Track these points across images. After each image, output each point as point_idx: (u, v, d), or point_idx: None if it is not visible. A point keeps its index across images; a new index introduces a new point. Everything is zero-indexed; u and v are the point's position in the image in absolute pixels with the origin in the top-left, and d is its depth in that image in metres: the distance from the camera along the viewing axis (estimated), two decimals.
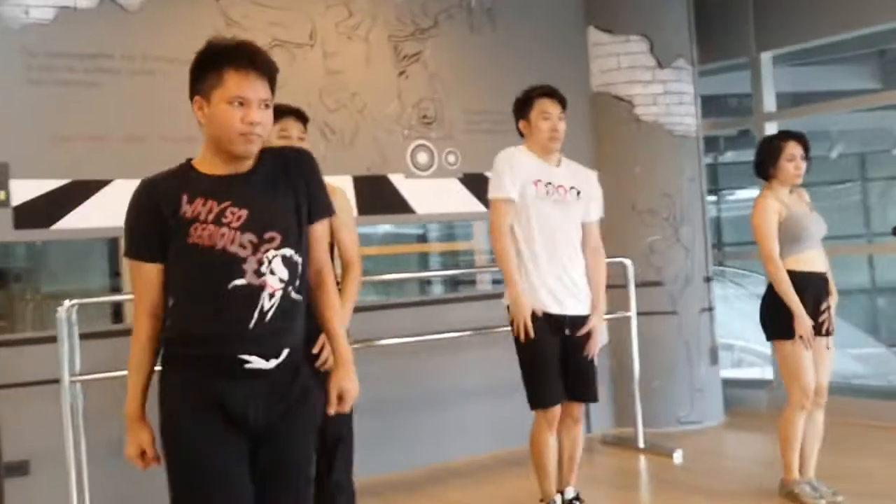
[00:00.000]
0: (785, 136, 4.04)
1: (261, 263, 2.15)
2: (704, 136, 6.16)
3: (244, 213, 2.17)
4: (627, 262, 5.26)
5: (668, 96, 5.72)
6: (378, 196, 5.03)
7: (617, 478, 4.92)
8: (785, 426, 4.01)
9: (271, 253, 2.16)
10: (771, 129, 6.17)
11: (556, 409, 3.72)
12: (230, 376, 2.15)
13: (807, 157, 3.99)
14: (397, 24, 5.14)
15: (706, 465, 4.91)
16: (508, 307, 3.73)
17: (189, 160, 2.28)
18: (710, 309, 5.86)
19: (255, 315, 2.15)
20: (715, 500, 4.28)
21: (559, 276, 3.68)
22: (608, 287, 3.98)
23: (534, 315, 3.63)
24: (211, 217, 2.15)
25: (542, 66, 5.57)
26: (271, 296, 2.16)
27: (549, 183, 3.73)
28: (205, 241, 2.14)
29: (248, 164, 2.24)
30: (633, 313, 5.26)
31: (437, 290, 6.30)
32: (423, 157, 5.18)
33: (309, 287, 2.29)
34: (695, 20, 5.97)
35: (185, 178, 2.22)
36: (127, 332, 2.35)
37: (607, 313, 5.61)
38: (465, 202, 5.30)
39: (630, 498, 4.61)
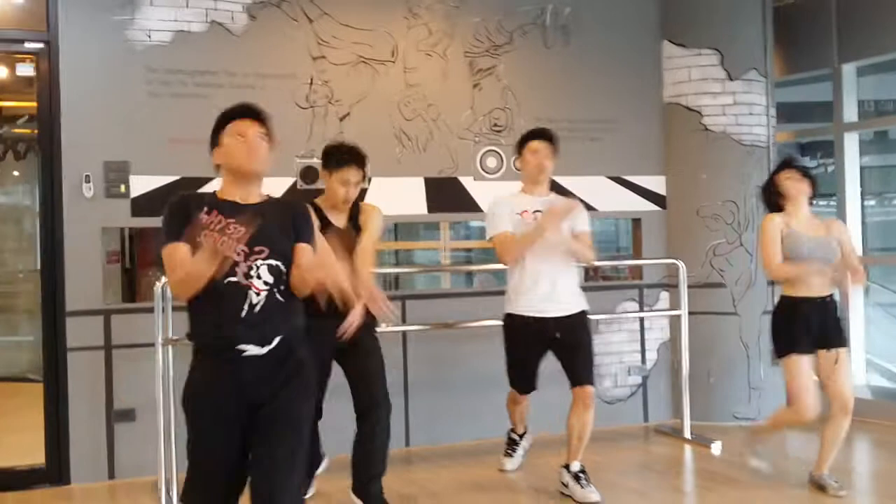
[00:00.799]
0: (780, 164, 4.48)
1: (250, 268, 2.74)
2: (788, 143, 6.35)
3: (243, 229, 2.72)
4: (680, 263, 5.59)
5: (738, 107, 5.97)
6: (448, 195, 5.59)
7: (654, 462, 5.27)
8: (775, 420, 4.43)
9: (259, 262, 2.75)
10: (851, 138, 6.30)
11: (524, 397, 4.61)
12: (233, 362, 2.73)
13: (807, 175, 4.33)
14: (473, 42, 5.67)
15: (741, 458, 5.19)
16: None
17: (214, 191, 2.90)
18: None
19: (246, 307, 2.74)
20: (735, 489, 4.62)
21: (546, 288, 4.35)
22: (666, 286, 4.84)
23: (520, 320, 4.36)
24: (217, 227, 2.73)
25: (614, 77, 6.00)
26: (257, 294, 2.74)
27: (537, 210, 4.35)
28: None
29: (255, 197, 2.86)
30: (684, 311, 5.57)
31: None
32: (492, 162, 5.69)
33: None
34: (774, 33, 6.18)
35: (207, 199, 2.84)
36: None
37: (666, 309, 6.02)
38: None
39: (658, 480, 4.95)
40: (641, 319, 6.04)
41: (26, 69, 4.91)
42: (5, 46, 4.95)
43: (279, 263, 2.78)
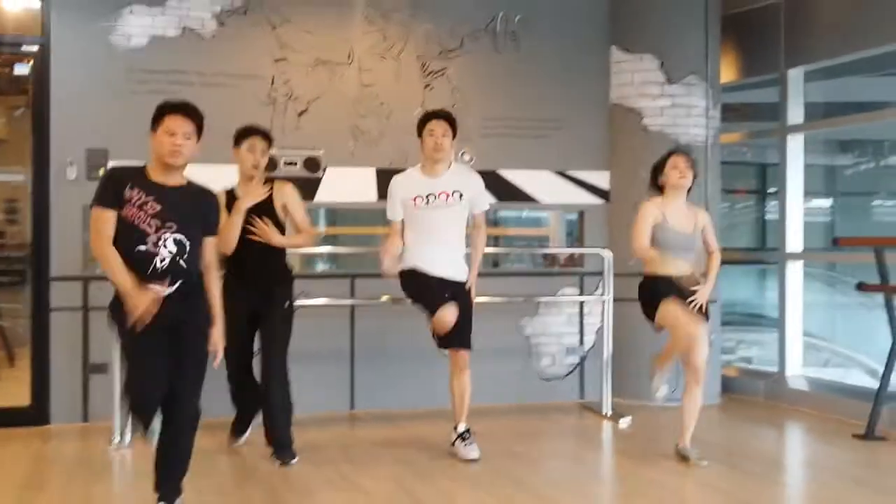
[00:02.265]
0: (669, 152, 4.83)
1: (159, 239, 3.49)
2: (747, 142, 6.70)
3: (158, 207, 3.50)
4: (605, 253, 6.07)
5: (676, 109, 6.38)
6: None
7: (565, 433, 5.80)
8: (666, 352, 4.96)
9: (167, 234, 3.49)
10: (795, 140, 6.63)
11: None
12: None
13: (692, 168, 4.78)
14: (426, 46, 6.24)
15: (648, 433, 5.64)
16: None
17: (144, 165, 3.62)
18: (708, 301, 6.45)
19: (150, 269, 3.49)
20: (624, 458, 5.15)
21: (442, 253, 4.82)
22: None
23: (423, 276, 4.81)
24: (137, 203, 3.50)
25: (563, 80, 6.50)
26: (162, 260, 3.50)
27: (430, 194, 4.80)
28: (129, 217, 3.49)
29: (175, 181, 3.59)
30: (608, 298, 6.03)
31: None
32: None
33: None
34: (722, 39, 6.57)
35: (137, 175, 3.59)
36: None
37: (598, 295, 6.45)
38: None
39: (559, 447, 5.51)
40: (581, 305, 6.52)
41: (23, 68, 5.70)
42: (6, 49, 5.78)
43: (183, 237, 3.53)
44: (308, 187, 5.98)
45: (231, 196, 4.81)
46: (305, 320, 5.21)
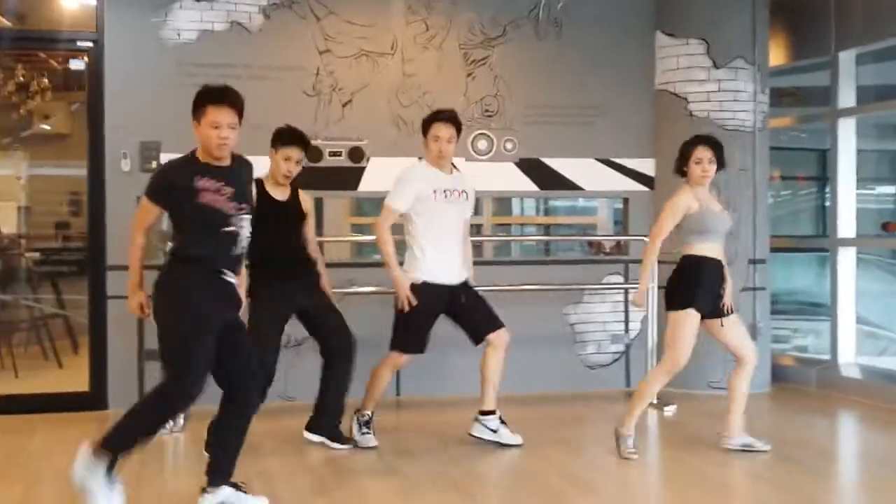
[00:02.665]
0: (694, 140, 4.72)
1: (240, 221, 3.64)
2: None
3: (231, 190, 3.63)
4: (646, 240, 6.01)
5: (722, 93, 6.31)
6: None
7: (608, 420, 5.67)
8: (645, 385, 4.74)
9: (244, 216, 3.66)
10: (846, 124, 6.50)
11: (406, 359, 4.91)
12: (217, 282, 3.65)
13: (718, 160, 4.64)
14: (468, 35, 6.27)
15: (694, 423, 5.61)
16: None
17: (194, 151, 3.73)
18: (756, 289, 6.39)
19: (234, 249, 3.65)
20: (668, 446, 5.15)
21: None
22: None
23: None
24: (213, 189, 3.60)
25: (606, 67, 6.48)
26: (243, 240, 3.67)
27: (447, 189, 4.84)
28: (210, 202, 3.59)
29: (228, 161, 3.70)
30: (653, 285, 5.98)
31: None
32: (482, 144, 6.28)
33: None
34: (770, 22, 6.48)
35: (193, 166, 3.67)
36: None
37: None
38: (519, 182, 6.35)
39: (602, 434, 5.24)
40: (626, 292, 6.50)
41: (78, 63, 5.91)
42: (63, 45, 6.00)
43: (251, 217, 3.72)
44: (352, 177, 6.10)
45: (260, 187, 4.80)
46: (353, 308, 5.34)
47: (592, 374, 6.46)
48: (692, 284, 4.66)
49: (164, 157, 5.87)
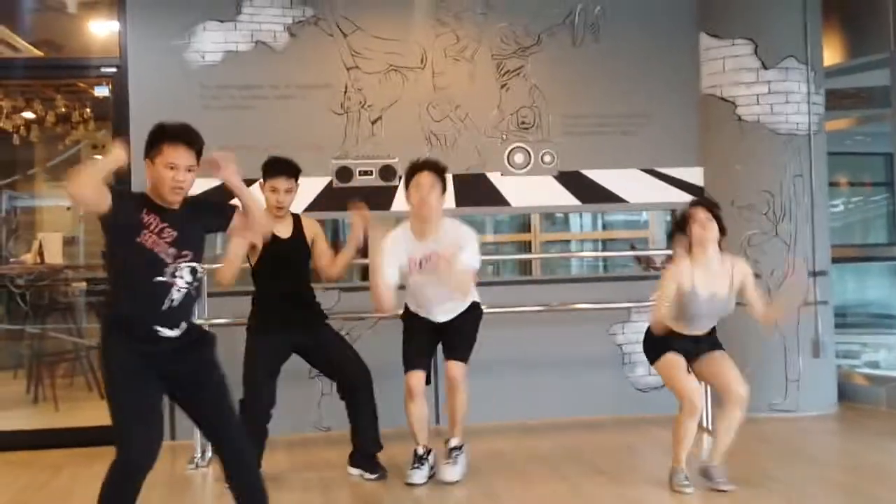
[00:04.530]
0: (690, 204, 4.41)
1: (176, 269, 3.26)
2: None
3: (175, 233, 3.27)
4: None
5: (773, 95, 5.93)
6: (476, 190, 5.97)
7: (656, 448, 5.31)
8: (676, 428, 4.37)
9: (183, 263, 3.26)
10: None
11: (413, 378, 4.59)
12: (152, 341, 3.26)
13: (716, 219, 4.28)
14: (501, 45, 6.01)
15: (749, 448, 5.20)
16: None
17: (144, 192, 3.38)
18: (817, 303, 5.97)
19: (166, 302, 3.24)
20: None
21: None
22: None
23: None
24: (155, 230, 3.24)
25: (648, 72, 6.16)
26: (178, 290, 3.26)
27: (424, 257, 4.50)
28: (147, 244, 3.22)
29: (177, 204, 3.32)
30: None
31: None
32: (519, 158, 6.00)
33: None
34: (824, 19, 6.09)
35: (145, 201, 3.33)
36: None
37: None
38: (559, 196, 6.04)
39: (645, 464, 5.02)
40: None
41: (102, 90, 5.83)
42: (87, 71, 5.93)
43: (197, 265, 3.31)
44: (384, 196, 5.86)
45: None
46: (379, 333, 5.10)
47: (643, 397, 6.09)
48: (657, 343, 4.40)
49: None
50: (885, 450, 5.26)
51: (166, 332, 3.26)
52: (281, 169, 4.66)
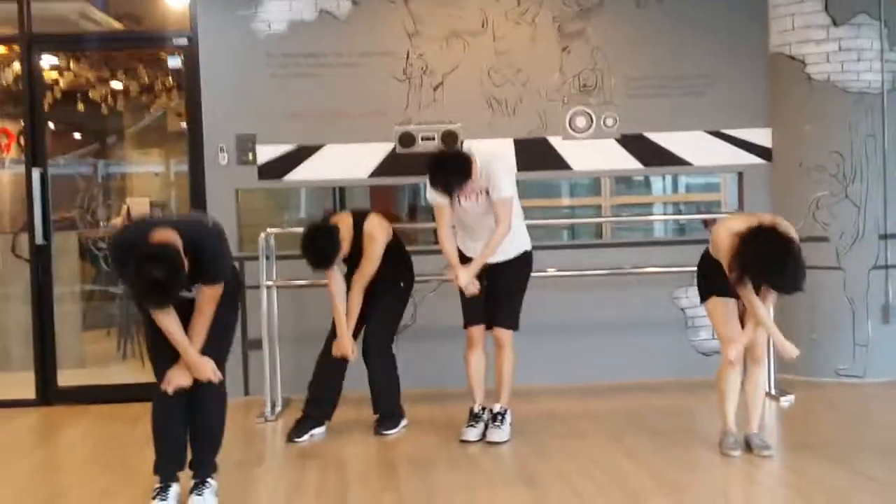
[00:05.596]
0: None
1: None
2: None
3: None
4: None
5: (844, 53, 5.75)
6: (537, 155, 5.99)
7: (714, 411, 5.32)
8: (717, 381, 4.37)
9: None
10: None
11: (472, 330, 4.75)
12: None
13: None
14: (562, 7, 5.98)
15: (811, 413, 5.17)
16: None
17: None
18: (888, 266, 5.81)
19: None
20: (779, 443, 4.67)
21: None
22: None
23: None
24: None
25: (713, 31, 6.08)
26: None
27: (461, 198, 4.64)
28: None
29: None
30: None
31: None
32: (581, 122, 5.99)
33: None
34: None
35: None
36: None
37: None
38: (622, 159, 6.02)
39: (700, 427, 4.90)
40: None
41: (175, 61, 6.05)
42: (162, 43, 6.17)
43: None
44: None
45: None
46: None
47: (706, 360, 6.06)
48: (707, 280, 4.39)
49: (260, 149, 5.94)
50: None
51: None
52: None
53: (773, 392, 5.53)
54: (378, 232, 4.85)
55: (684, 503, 3.69)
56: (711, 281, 4.33)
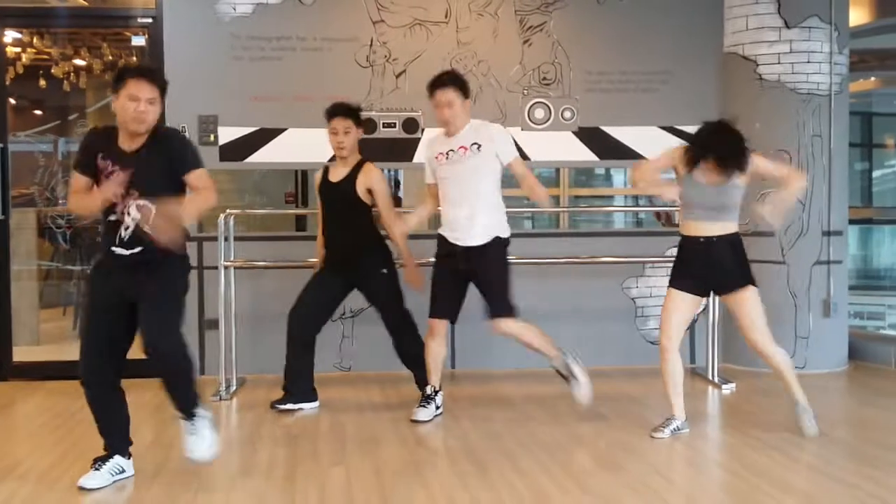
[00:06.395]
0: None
1: (125, 207, 3.60)
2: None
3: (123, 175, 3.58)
4: None
5: (794, 55, 5.94)
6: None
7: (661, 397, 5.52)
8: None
9: (131, 202, 3.59)
10: None
11: (435, 322, 4.84)
12: (113, 261, 3.68)
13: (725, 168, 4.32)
14: (524, 1, 6.11)
15: (751, 400, 5.36)
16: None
17: (115, 129, 3.70)
18: (830, 262, 6.03)
19: (118, 236, 3.64)
20: (716, 427, 4.93)
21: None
22: None
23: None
24: (106, 173, 3.62)
25: (670, 30, 6.27)
26: (126, 228, 3.62)
27: (450, 150, 4.74)
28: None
29: (139, 143, 3.64)
30: None
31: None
32: (539, 113, 6.13)
33: None
34: None
35: (107, 140, 3.69)
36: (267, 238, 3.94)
37: None
38: (578, 152, 6.17)
39: (646, 413, 5.06)
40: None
41: (139, 39, 6.08)
42: (126, 21, 6.19)
43: (146, 203, 3.58)
44: (407, 148, 6.06)
45: (325, 172, 5.15)
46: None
47: (655, 349, 6.21)
48: (675, 262, 4.61)
49: (222, 130, 6.00)
50: (883, 406, 5.34)
51: (121, 251, 3.65)
52: (336, 111, 5.03)
53: (715, 380, 5.74)
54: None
55: (621, 480, 3.84)
56: (679, 272, 4.55)
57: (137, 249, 3.66)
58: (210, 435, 3.80)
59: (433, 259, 4.96)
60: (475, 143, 4.74)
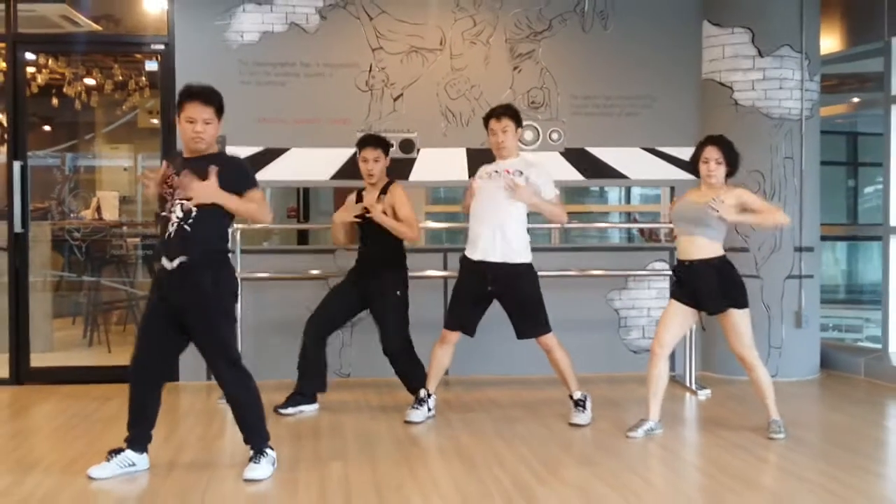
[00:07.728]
0: (705, 140, 4.84)
1: (172, 206, 3.98)
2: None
3: (176, 178, 3.99)
4: None
5: (767, 82, 6.33)
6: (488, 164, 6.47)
7: (641, 402, 5.81)
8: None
9: (177, 202, 3.98)
10: None
11: (448, 333, 5.21)
12: (161, 270, 4.06)
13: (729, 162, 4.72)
14: (515, 30, 6.51)
15: (725, 405, 5.70)
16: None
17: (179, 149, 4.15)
18: (802, 276, 6.39)
19: (165, 232, 4.00)
20: (689, 429, 5.27)
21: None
22: None
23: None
24: (167, 178, 4.05)
25: (652, 58, 6.65)
26: (171, 224, 3.98)
27: (496, 170, 5.17)
28: (162, 189, 4.04)
29: (198, 154, 4.05)
30: None
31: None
32: (528, 135, 6.50)
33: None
34: (818, 8, 6.47)
35: (177, 157, 4.15)
36: (274, 251, 4.31)
37: None
38: (565, 171, 6.53)
39: (617, 414, 5.41)
40: (670, 278, 6.59)
41: (152, 64, 6.46)
42: (139, 47, 6.58)
43: (188, 203, 3.93)
44: (403, 167, 6.43)
45: (358, 197, 5.56)
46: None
47: (636, 358, 6.61)
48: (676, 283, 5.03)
49: (230, 150, 6.34)
50: (850, 412, 5.67)
51: (165, 263, 4.00)
52: (367, 142, 5.46)
53: (692, 386, 6.09)
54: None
55: (595, 474, 4.19)
56: (675, 285, 5.01)
57: (177, 263, 3.98)
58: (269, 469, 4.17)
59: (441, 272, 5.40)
60: (518, 171, 5.11)
